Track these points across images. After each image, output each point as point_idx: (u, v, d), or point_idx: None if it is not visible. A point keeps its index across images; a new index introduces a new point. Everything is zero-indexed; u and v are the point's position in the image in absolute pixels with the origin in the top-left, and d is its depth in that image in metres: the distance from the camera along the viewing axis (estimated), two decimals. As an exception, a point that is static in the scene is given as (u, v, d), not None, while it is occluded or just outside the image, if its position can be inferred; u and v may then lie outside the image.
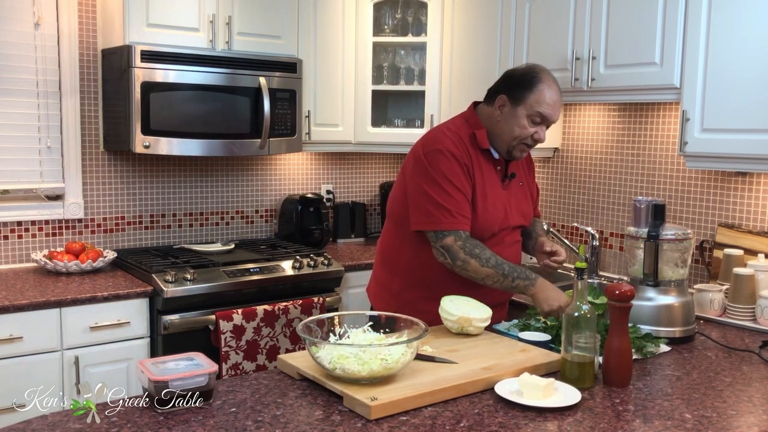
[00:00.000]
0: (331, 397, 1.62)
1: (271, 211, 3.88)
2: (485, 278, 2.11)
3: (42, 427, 1.46)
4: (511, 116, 2.17)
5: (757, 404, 1.67)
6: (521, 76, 2.20)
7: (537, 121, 2.17)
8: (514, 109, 2.17)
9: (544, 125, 2.19)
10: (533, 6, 3.13)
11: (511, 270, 2.11)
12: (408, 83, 3.78)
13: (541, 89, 2.15)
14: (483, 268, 2.09)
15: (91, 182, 3.33)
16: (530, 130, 2.17)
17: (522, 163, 2.38)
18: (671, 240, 2.17)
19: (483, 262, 2.09)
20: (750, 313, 2.41)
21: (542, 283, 2.11)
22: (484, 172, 2.20)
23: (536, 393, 1.59)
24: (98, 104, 3.31)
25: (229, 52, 3.22)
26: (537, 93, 2.15)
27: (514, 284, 2.11)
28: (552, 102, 2.16)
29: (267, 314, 2.98)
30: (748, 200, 2.76)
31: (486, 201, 2.19)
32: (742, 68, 2.38)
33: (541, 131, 2.19)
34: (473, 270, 2.10)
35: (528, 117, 2.16)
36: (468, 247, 2.10)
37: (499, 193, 2.25)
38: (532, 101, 2.15)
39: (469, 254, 2.09)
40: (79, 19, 3.22)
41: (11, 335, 2.55)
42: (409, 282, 2.27)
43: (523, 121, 2.16)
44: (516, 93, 2.17)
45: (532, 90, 2.15)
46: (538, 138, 2.19)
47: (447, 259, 2.12)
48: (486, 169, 2.22)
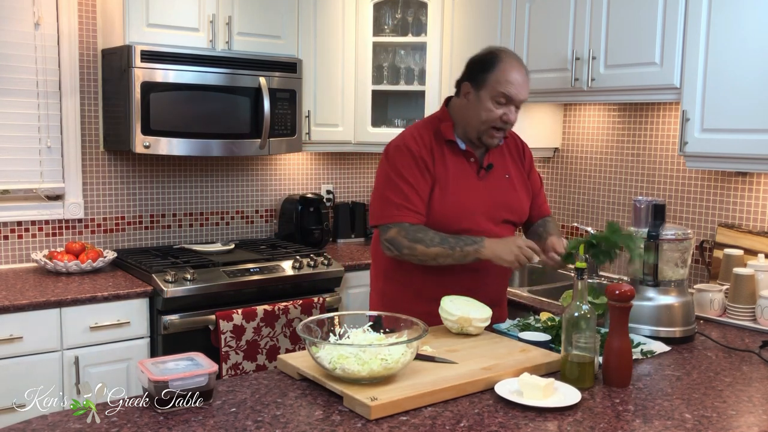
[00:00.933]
0: (331, 397, 1.62)
1: (271, 211, 3.88)
2: (437, 257, 2.09)
3: (42, 427, 1.46)
4: (477, 101, 2.16)
5: (757, 404, 1.67)
6: (480, 59, 2.19)
7: (502, 102, 2.14)
8: (478, 93, 2.16)
9: (512, 105, 2.15)
10: (533, 6, 3.13)
11: (457, 241, 2.08)
12: (408, 83, 3.78)
13: (502, 68, 2.13)
14: (430, 248, 2.07)
15: (91, 182, 3.33)
16: (497, 112, 2.14)
17: (510, 156, 2.34)
18: (671, 240, 2.17)
19: (428, 243, 2.07)
20: (750, 313, 2.41)
21: (490, 241, 2.07)
22: (448, 163, 2.18)
23: (536, 393, 1.59)
24: (98, 104, 3.31)
25: (229, 52, 3.22)
26: (497, 73, 2.13)
27: (464, 253, 2.07)
28: (514, 80, 2.12)
29: (267, 314, 2.98)
30: (748, 200, 2.76)
31: (448, 192, 2.16)
32: (742, 68, 2.38)
33: (510, 112, 2.15)
34: (421, 254, 2.09)
35: (492, 99, 2.13)
36: (410, 233, 2.09)
37: (472, 184, 2.21)
38: (493, 82, 2.13)
39: (413, 240, 2.08)
40: (79, 19, 3.22)
41: (11, 335, 2.55)
42: (391, 280, 2.28)
43: (488, 104, 2.14)
44: (477, 77, 2.16)
45: (492, 71, 2.13)
46: (507, 119, 2.15)
47: (393, 251, 2.12)
48: (452, 161, 2.20)
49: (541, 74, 3.10)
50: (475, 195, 2.20)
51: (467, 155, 2.23)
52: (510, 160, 2.34)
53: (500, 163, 2.29)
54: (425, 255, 2.09)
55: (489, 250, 2.06)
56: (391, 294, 2.28)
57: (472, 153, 2.23)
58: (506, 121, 2.16)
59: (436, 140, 2.20)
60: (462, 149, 2.22)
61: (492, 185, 2.25)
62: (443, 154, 2.19)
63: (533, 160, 2.45)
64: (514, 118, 2.17)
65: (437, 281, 2.18)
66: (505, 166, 2.31)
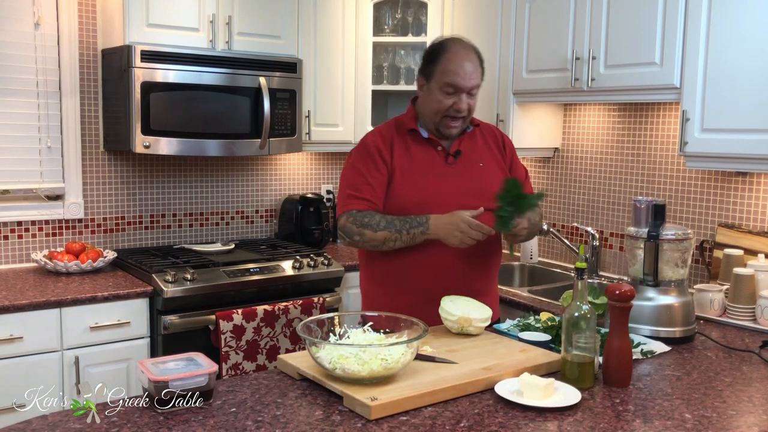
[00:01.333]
0: (331, 397, 1.62)
1: (271, 211, 3.88)
2: (386, 242, 2.10)
3: (42, 427, 1.46)
4: (429, 93, 2.17)
5: (757, 404, 1.67)
6: (428, 51, 2.20)
7: (450, 92, 2.13)
8: (428, 85, 2.17)
9: (461, 94, 2.14)
10: (533, 6, 3.13)
11: (403, 223, 2.08)
12: (408, 83, 3.78)
13: (446, 58, 2.13)
14: (377, 233, 2.09)
15: (91, 182, 3.33)
16: (447, 102, 2.13)
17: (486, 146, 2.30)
18: (671, 240, 2.17)
19: (374, 228, 2.09)
20: (750, 313, 2.41)
21: (434, 219, 2.06)
22: (411, 151, 2.19)
23: (536, 393, 1.59)
24: (98, 104, 3.31)
25: (229, 52, 3.22)
26: (442, 63, 2.13)
27: (411, 235, 2.08)
28: (459, 69, 2.11)
29: (267, 314, 2.98)
30: (748, 200, 2.76)
31: (413, 179, 2.16)
32: (742, 68, 2.38)
33: (460, 101, 2.13)
34: (370, 239, 2.10)
35: (440, 90, 2.13)
36: (358, 219, 2.10)
37: (440, 171, 2.20)
38: (439, 73, 2.13)
39: (361, 225, 2.10)
40: (79, 19, 3.22)
41: (11, 335, 2.55)
42: (368, 278, 2.30)
43: (437, 95, 2.14)
44: (426, 70, 2.17)
45: (439, 62, 2.14)
46: (458, 108, 2.14)
47: (346, 239, 2.15)
48: (416, 149, 2.21)
49: (541, 74, 3.10)
50: (443, 181, 2.19)
51: (433, 143, 2.23)
52: (485, 149, 2.30)
53: (472, 151, 2.26)
54: (374, 240, 2.10)
55: (434, 231, 2.06)
56: (371, 292, 2.30)
57: (438, 141, 2.23)
58: (457, 109, 2.15)
59: (398, 132, 2.22)
60: (425, 137, 2.22)
61: (463, 172, 2.22)
62: (406, 144, 2.20)
63: (515, 151, 2.40)
64: (465, 106, 2.15)
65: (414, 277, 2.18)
66: (479, 154, 2.28)
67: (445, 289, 2.13)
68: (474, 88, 2.16)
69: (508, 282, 3.45)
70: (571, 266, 3.38)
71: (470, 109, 2.18)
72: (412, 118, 2.25)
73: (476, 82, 2.15)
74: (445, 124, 2.17)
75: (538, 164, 3.62)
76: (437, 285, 2.15)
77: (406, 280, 2.19)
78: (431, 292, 2.12)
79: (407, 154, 2.19)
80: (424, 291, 2.15)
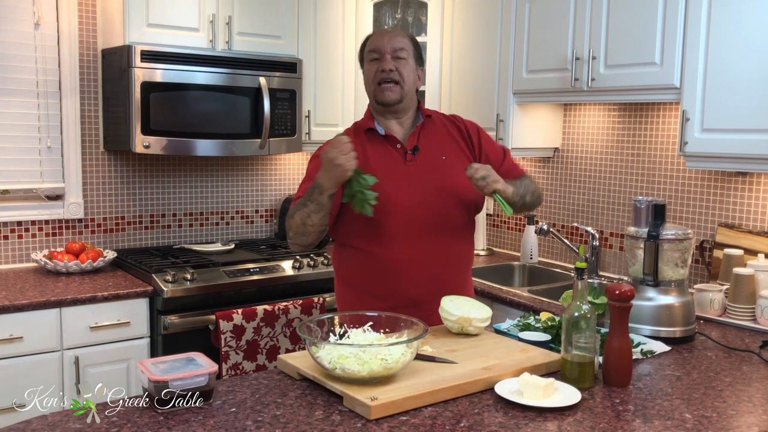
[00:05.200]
0: (331, 397, 1.62)
1: (271, 211, 3.88)
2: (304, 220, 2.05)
3: (42, 427, 1.46)
4: (365, 75, 2.24)
5: (757, 404, 1.67)
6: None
7: (375, 57, 2.19)
8: (363, 69, 2.26)
9: (385, 55, 2.17)
10: (533, 6, 3.13)
11: (305, 196, 2.06)
12: (408, 83, 3.77)
13: (369, 39, 2.25)
14: (293, 217, 2.08)
15: (91, 182, 3.33)
16: (373, 68, 2.18)
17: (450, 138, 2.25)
18: (671, 240, 2.17)
19: (291, 214, 2.10)
20: (750, 313, 2.41)
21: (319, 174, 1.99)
22: (367, 152, 2.16)
23: (536, 393, 1.59)
24: (98, 104, 3.31)
25: (229, 52, 3.22)
26: (365, 45, 2.25)
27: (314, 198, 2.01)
28: (378, 36, 2.22)
29: (267, 314, 2.98)
30: (748, 200, 2.76)
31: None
32: (742, 68, 2.38)
33: (385, 62, 2.16)
34: (293, 226, 2.09)
35: (368, 63, 2.21)
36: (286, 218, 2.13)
37: (400, 171, 2.15)
38: (365, 53, 2.23)
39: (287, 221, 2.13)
40: (79, 19, 3.22)
41: (11, 335, 2.56)
42: (340, 282, 2.28)
43: (367, 69, 2.22)
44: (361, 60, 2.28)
45: (364, 45, 2.26)
46: (385, 68, 2.15)
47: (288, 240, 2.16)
48: (373, 149, 2.18)
49: (540, 74, 3.10)
50: (404, 181, 2.14)
51: (392, 141, 2.20)
52: (447, 141, 2.24)
53: (433, 146, 2.22)
54: (294, 225, 2.09)
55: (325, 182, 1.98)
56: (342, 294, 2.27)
57: (396, 139, 2.20)
58: (383, 70, 2.16)
59: (355, 134, 2.21)
60: (382, 134, 2.20)
61: (423, 169, 2.17)
62: (363, 147, 2.17)
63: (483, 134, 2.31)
64: (391, 66, 2.16)
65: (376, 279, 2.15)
66: (440, 147, 2.23)
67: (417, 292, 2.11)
68: (398, 50, 2.17)
69: (508, 282, 3.45)
70: (571, 266, 3.38)
71: (401, 73, 2.16)
72: (369, 117, 2.25)
73: (399, 45, 2.17)
74: (380, 90, 2.17)
75: (538, 164, 3.62)
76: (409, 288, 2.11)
77: (376, 285, 2.14)
78: (403, 296, 2.10)
79: (364, 156, 2.12)
80: (396, 295, 2.11)
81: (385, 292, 2.13)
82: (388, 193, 2.07)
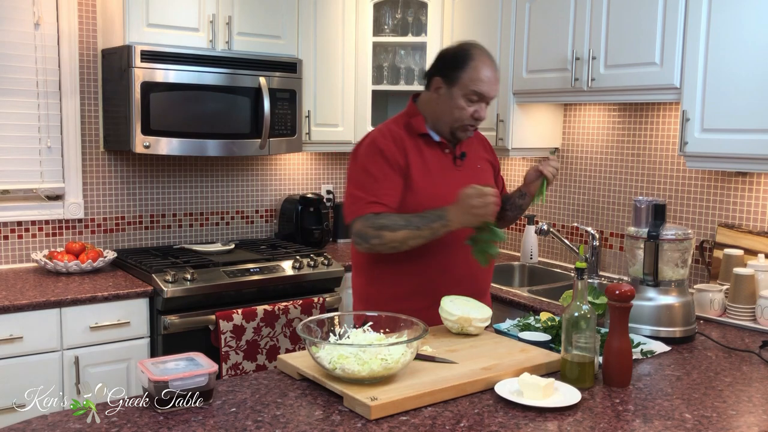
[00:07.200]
0: (331, 397, 1.62)
1: (271, 211, 3.88)
2: (407, 240, 2.05)
3: (42, 427, 1.46)
4: (448, 98, 2.16)
5: (757, 404, 1.67)
6: (453, 55, 2.19)
7: (474, 100, 2.15)
8: (449, 90, 2.16)
9: (483, 102, 2.17)
10: (533, 6, 3.13)
11: (421, 219, 2.04)
12: (408, 83, 3.78)
13: (474, 66, 2.13)
14: (397, 232, 2.03)
15: (91, 182, 3.33)
16: (469, 109, 2.15)
17: (476, 145, 2.34)
18: (671, 240, 2.17)
19: (393, 228, 2.04)
20: (750, 313, 2.41)
21: (451, 208, 2.02)
22: (425, 155, 2.18)
23: (536, 393, 1.59)
24: (98, 104, 3.31)
25: (229, 52, 3.22)
26: (470, 71, 2.13)
27: (433, 230, 2.03)
28: (486, 78, 2.14)
29: (267, 314, 2.98)
30: (748, 200, 2.76)
31: (429, 183, 2.16)
32: (742, 68, 2.38)
33: (481, 109, 2.17)
34: (389, 240, 2.04)
35: (464, 96, 2.14)
36: (375, 222, 2.05)
37: (450, 173, 2.22)
38: (466, 80, 2.13)
39: (378, 228, 2.05)
40: (79, 19, 3.22)
41: (11, 335, 2.55)
42: (372, 282, 2.27)
43: (460, 101, 2.15)
44: (450, 74, 2.16)
45: (465, 69, 2.13)
46: (478, 116, 2.17)
47: (363, 243, 2.08)
48: (429, 152, 2.20)
49: (541, 74, 3.10)
50: (453, 184, 2.17)
51: (442, 146, 2.23)
52: (479, 151, 2.35)
53: (472, 154, 2.30)
54: (394, 240, 2.05)
55: (455, 221, 2.01)
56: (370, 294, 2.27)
57: (447, 144, 2.24)
58: (477, 118, 2.18)
59: (408, 134, 2.19)
60: (437, 141, 2.22)
61: (467, 174, 2.24)
62: (419, 147, 2.19)
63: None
64: (485, 114, 2.19)
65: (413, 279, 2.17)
66: (477, 156, 2.32)
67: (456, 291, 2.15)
68: (495, 98, 2.22)
69: (508, 282, 3.45)
70: (571, 266, 3.38)
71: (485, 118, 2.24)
72: (421, 121, 2.22)
73: (497, 93, 2.21)
74: (462, 129, 2.20)
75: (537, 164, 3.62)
76: (448, 288, 2.15)
77: (417, 283, 2.18)
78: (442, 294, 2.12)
79: (421, 158, 2.17)
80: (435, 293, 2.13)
81: (426, 290, 2.14)
82: (444, 195, 2.12)
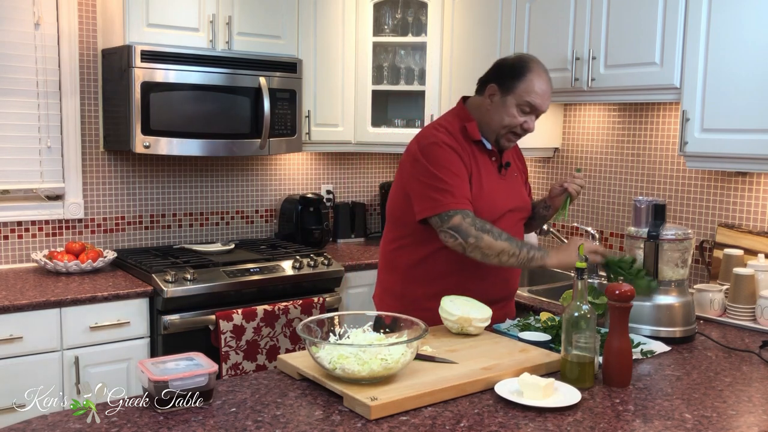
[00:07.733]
0: (331, 397, 1.62)
1: (271, 211, 3.88)
2: (501, 253, 2.08)
3: (42, 427, 1.46)
4: (501, 105, 2.19)
5: (757, 404, 1.67)
6: (512, 65, 2.22)
7: (526, 111, 2.19)
8: (504, 98, 2.19)
9: (534, 115, 2.21)
10: (533, 6, 3.13)
11: (523, 244, 2.12)
12: (408, 83, 3.78)
13: (531, 78, 2.17)
14: (497, 242, 2.07)
15: (91, 182, 3.33)
16: (519, 119, 2.19)
17: (517, 157, 2.44)
18: (671, 240, 2.17)
19: (496, 236, 2.08)
20: (750, 313, 2.41)
21: (554, 250, 2.15)
22: (479, 162, 2.23)
23: (536, 393, 1.59)
24: (98, 104, 3.31)
25: (229, 52, 3.22)
26: (526, 82, 2.17)
27: (530, 256, 2.11)
28: (541, 92, 2.18)
29: (267, 314, 2.98)
30: (748, 200, 2.76)
31: (482, 189, 2.20)
32: (742, 68, 2.38)
33: (531, 121, 2.21)
34: (487, 246, 2.07)
35: (517, 106, 2.18)
36: (478, 224, 2.09)
37: (497, 182, 2.27)
38: (521, 90, 2.17)
39: (481, 230, 2.08)
40: (79, 19, 3.22)
41: (11, 335, 2.55)
42: (410, 281, 2.27)
43: (513, 110, 2.18)
44: (506, 82, 2.19)
45: (522, 79, 2.17)
46: (527, 127, 2.21)
47: (458, 239, 2.08)
48: (481, 159, 2.24)
49: (541, 74, 3.10)
50: (501, 192, 2.27)
51: (490, 154, 2.28)
52: (515, 160, 2.42)
53: (512, 163, 2.37)
54: (491, 248, 2.08)
55: (555, 259, 2.12)
56: (410, 294, 2.27)
57: (495, 152, 2.29)
58: (526, 129, 2.23)
59: (464, 139, 2.23)
60: (488, 149, 2.27)
61: (510, 183, 2.33)
62: (473, 152, 2.23)
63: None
64: (533, 127, 2.24)
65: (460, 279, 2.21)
66: (514, 165, 2.39)
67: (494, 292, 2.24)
68: (545, 112, 2.26)
69: (508, 282, 3.45)
70: (571, 266, 3.38)
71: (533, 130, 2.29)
72: (476, 127, 2.24)
73: (548, 107, 2.25)
74: (507, 138, 2.24)
75: (538, 164, 3.62)
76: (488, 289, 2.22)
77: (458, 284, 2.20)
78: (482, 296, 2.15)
79: (476, 162, 2.22)
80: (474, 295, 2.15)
81: (465, 292, 2.15)
82: (494, 200, 2.22)
